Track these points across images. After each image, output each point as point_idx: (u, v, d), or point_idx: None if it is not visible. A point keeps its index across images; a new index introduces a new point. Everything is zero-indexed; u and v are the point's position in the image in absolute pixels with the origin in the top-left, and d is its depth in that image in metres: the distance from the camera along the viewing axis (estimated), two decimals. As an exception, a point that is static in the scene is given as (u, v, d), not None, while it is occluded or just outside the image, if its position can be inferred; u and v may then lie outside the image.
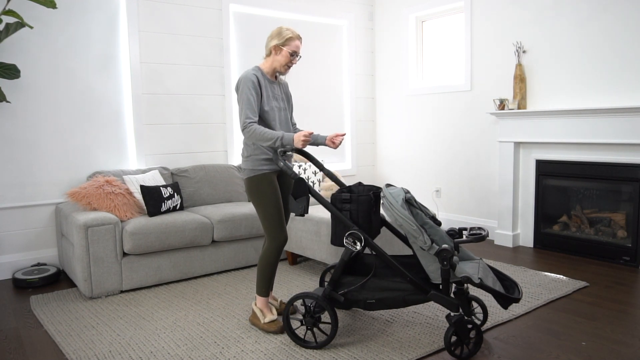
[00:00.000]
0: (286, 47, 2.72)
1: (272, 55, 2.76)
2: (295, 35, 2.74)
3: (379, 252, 2.43)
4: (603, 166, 3.89)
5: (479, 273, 2.37)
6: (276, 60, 2.75)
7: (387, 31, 5.65)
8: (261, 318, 2.74)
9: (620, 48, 3.76)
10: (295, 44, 2.74)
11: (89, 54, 4.02)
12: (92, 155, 4.08)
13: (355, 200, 2.49)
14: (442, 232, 2.55)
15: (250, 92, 2.62)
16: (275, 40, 2.72)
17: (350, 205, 2.50)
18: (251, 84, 2.64)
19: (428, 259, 2.39)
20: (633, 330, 2.64)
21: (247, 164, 2.71)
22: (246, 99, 2.62)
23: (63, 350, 2.53)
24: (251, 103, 2.62)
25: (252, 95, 2.63)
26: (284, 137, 2.54)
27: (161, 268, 3.51)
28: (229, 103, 4.75)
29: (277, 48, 2.72)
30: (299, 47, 2.76)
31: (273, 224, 2.69)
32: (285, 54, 2.72)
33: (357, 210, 2.50)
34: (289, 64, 2.77)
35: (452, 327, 2.33)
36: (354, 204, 2.50)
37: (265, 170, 2.68)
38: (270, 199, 2.68)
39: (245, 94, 2.62)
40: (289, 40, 2.72)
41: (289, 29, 2.75)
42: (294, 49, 2.74)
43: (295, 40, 2.74)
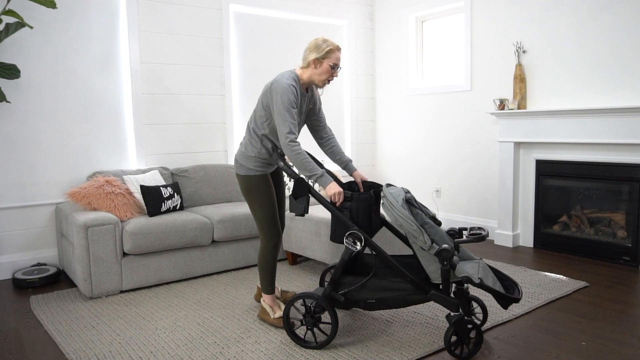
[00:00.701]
0: (326, 60, 2.60)
1: (311, 69, 2.63)
2: (335, 46, 2.62)
3: (379, 252, 2.43)
4: (603, 166, 3.89)
5: (479, 273, 2.37)
6: (315, 74, 2.63)
7: (387, 31, 5.65)
8: (270, 314, 2.78)
9: (620, 48, 3.77)
10: (336, 55, 2.62)
11: (89, 54, 4.02)
12: (92, 155, 4.08)
13: (356, 199, 2.49)
14: (442, 232, 2.55)
15: (290, 105, 2.52)
16: (315, 53, 2.60)
17: (350, 203, 2.49)
18: (291, 96, 2.53)
19: (428, 259, 2.39)
20: (633, 330, 2.64)
21: (249, 162, 2.67)
22: (287, 112, 2.50)
23: (63, 350, 2.53)
24: (292, 116, 2.51)
25: (293, 108, 2.53)
26: (322, 178, 2.49)
27: (161, 268, 3.51)
28: (229, 103, 4.75)
29: (317, 61, 2.60)
30: (339, 59, 2.64)
31: (268, 223, 2.71)
32: (326, 68, 2.61)
33: (357, 208, 2.49)
34: (330, 78, 2.65)
35: (452, 327, 2.33)
36: (355, 202, 2.49)
37: (265, 172, 2.71)
38: (266, 198, 2.69)
39: (286, 106, 2.51)
40: (329, 52, 2.60)
41: (327, 41, 2.62)
42: (335, 62, 2.62)
43: (336, 52, 2.62)
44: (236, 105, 4.84)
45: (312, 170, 2.49)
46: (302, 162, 2.49)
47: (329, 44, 2.60)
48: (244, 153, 2.71)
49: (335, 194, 2.47)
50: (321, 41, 2.62)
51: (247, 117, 4.90)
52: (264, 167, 2.69)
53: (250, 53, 4.89)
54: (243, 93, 4.88)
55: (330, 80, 2.67)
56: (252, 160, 2.67)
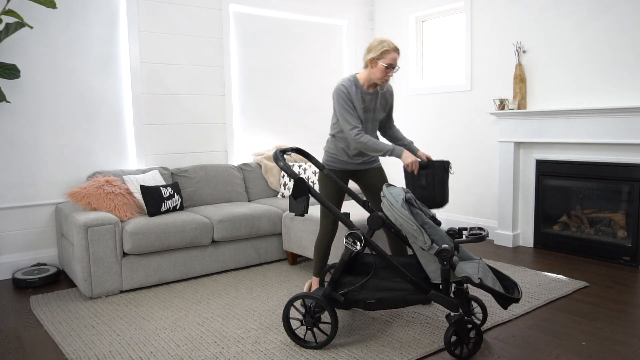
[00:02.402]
0: (381, 60, 2.71)
1: (369, 68, 2.77)
2: (392, 47, 2.73)
3: (379, 252, 2.43)
4: (603, 166, 3.89)
5: (479, 273, 2.37)
6: (372, 73, 2.76)
7: (387, 31, 5.65)
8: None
9: (620, 48, 3.77)
10: (392, 56, 2.72)
11: (89, 54, 4.02)
12: (92, 155, 4.08)
13: (432, 166, 2.69)
14: (442, 232, 2.56)
15: (345, 103, 2.73)
16: (372, 53, 2.73)
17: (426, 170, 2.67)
18: (344, 96, 2.73)
19: (428, 259, 2.39)
20: (633, 330, 2.64)
21: (324, 156, 2.98)
22: (344, 110, 2.73)
23: (63, 350, 2.53)
24: (350, 113, 2.73)
25: (348, 105, 2.74)
26: (395, 150, 2.70)
27: (161, 268, 3.51)
28: (229, 103, 4.75)
29: (373, 61, 2.73)
30: (395, 60, 2.74)
31: (322, 213, 2.96)
32: (381, 68, 2.72)
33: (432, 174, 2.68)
34: (385, 77, 2.76)
35: (452, 327, 2.33)
36: (430, 169, 2.68)
37: (332, 167, 2.94)
38: (322, 191, 2.93)
39: (342, 105, 2.73)
40: (384, 53, 2.71)
41: (385, 41, 2.73)
42: (390, 62, 2.72)
43: (392, 53, 2.72)
44: (236, 105, 4.84)
45: (383, 148, 2.69)
46: (370, 146, 2.71)
47: (384, 45, 2.72)
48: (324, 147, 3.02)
49: (411, 162, 2.68)
50: (378, 42, 2.74)
51: (247, 117, 4.91)
52: (334, 163, 2.94)
53: (250, 53, 4.89)
54: (243, 93, 4.88)
55: (387, 80, 2.80)
56: (325, 154, 2.97)
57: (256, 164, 4.71)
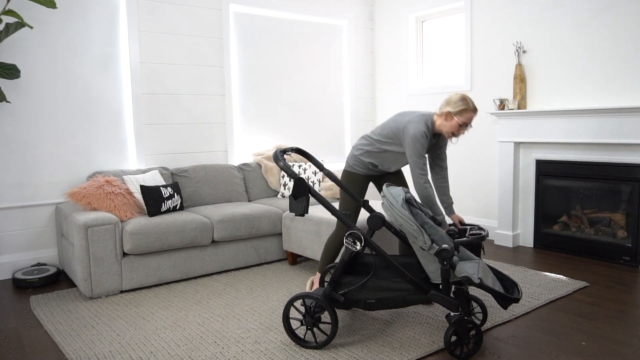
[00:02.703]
0: (457, 117, 2.72)
1: (442, 119, 2.77)
2: (471, 107, 2.73)
3: (379, 252, 2.43)
4: (603, 166, 3.89)
5: (479, 273, 2.37)
6: (444, 126, 2.77)
7: (387, 31, 5.65)
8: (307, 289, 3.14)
9: (620, 48, 3.76)
10: (468, 115, 2.73)
11: (89, 54, 4.02)
12: (92, 155, 4.08)
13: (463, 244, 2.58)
14: (441, 232, 2.56)
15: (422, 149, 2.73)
16: (450, 107, 2.73)
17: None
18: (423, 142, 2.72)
19: (428, 259, 2.39)
20: (633, 330, 2.64)
21: (350, 158, 3.01)
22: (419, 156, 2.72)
23: (63, 350, 2.53)
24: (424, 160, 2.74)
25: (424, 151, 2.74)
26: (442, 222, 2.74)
27: (161, 268, 3.51)
28: (229, 103, 4.75)
29: (449, 115, 2.73)
30: (471, 119, 2.75)
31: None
32: (455, 124, 2.73)
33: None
34: (457, 133, 2.77)
35: (452, 327, 2.33)
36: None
37: (358, 171, 2.99)
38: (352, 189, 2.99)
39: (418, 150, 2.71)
40: (463, 111, 2.71)
41: (466, 99, 2.73)
42: (465, 121, 2.73)
43: (469, 112, 2.73)
44: (236, 105, 4.84)
45: (437, 213, 2.73)
46: (430, 201, 2.74)
47: (465, 103, 2.73)
48: (352, 150, 3.03)
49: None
50: (459, 98, 2.74)
51: (247, 116, 4.91)
52: (360, 168, 2.98)
53: (250, 53, 4.89)
54: (243, 93, 4.88)
55: (457, 136, 2.80)
56: (353, 158, 2.99)
57: (256, 164, 4.71)
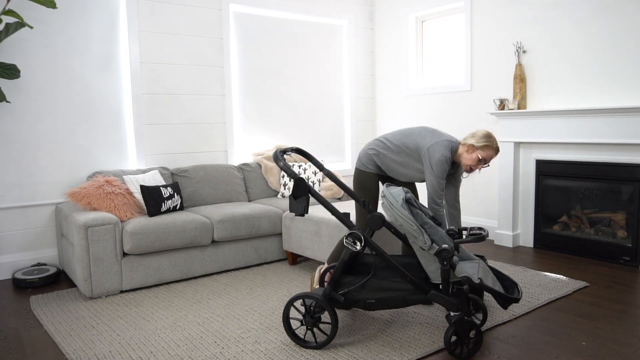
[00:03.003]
0: (478, 151, 2.77)
1: (465, 150, 2.80)
2: (495, 146, 2.79)
3: (379, 252, 2.43)
4: (603, 166, 3.89)
5: (479, 273, 2.37)
6: (464, 157, 2.81)
7: (387, 31, 5.65)
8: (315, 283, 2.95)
9: (620, 48, 3.76)
10: (489, 153, 2.78)
11: (89, 54, 4.02)
12: (92, 155, 4.08)
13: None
14: (442, 232, 2.56)
15: (444, 175, 2.76)
16: (474, 140, 2.78)
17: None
18: (445, 168, 2.75)
19: (428, 259, 2.39)
20: (633, 330, 2.64)
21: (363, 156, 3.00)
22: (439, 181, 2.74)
23: (63, 350, 2.53)
24: (443, 183, 2.76)
25: (445, 174, 2.77)
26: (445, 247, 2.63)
27: (161, 268, 3.51)
28: (229, 103, 4.75)
29: (471, 148, 2.77)
30: (491, 157, 2.80)
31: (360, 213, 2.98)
32: (475, 157, 2.77)
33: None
34: (474, 166, 2.80)
35: (452, 327, 2.33)
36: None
37: (370, 169, 2.98)
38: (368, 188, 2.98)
39: (439, 175, 2.74)
40: (485, 147, 2.76)
41: (492, 138, 2.78)
42: (485, 157, 2.77)
43: (491, 151, 2.78)
44: (236, 105, 4.84)
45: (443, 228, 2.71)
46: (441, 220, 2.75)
47: (489, 140, 2.78)
48: (364, 149, 3.03)
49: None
50: (485, 134, 2.79)
51: (247, 116, 4.91)
52: (372, 167, 2.97)
53: (250, 53, 4.89)
54: (243, 93, 4.88)
55: (473, 170, 2.83)
56: (366, 156, 2.98)
57: (256, 164, 4.71)
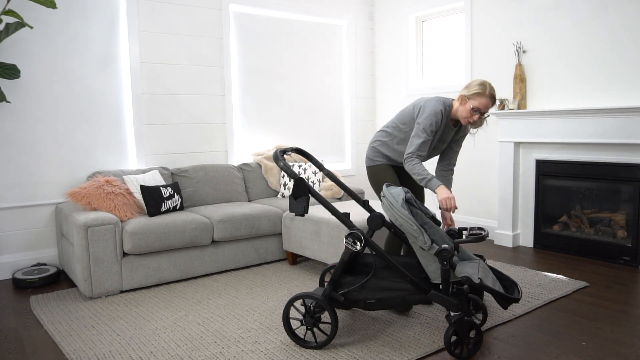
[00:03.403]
0: (470, 101, 2.62)
1: (458, 103, 2.69)
2: (487, 93, 2.60)
3: (379, 252, 2.43)
4: (603, 166, 3.89)
5: (479, 273, 2.37)
6: (459, 111, 2.69)
7: (387, 31, 5.65)
8: None
9: (621, 48, 3.76)
10: (482, 101, 2.60)
11: (89, 54, 4.02)
12: (92, 155, 4.08)
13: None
14: (441, 232, 2.56)
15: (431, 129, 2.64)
16: (465, 90, 2.65)
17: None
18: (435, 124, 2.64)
19: (428, 259, 2.39)
20: (633, 330, 2.64)
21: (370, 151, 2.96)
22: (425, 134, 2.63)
23: (63, 350, 2.53)
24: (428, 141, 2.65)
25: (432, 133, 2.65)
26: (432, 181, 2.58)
27: (161, 268, 3.51)
28: (229, 103, 4.75)
29: (464, 99, 2.64)
30: (484, 106, 2.61)
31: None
32: (467, 108, 2.63)
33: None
34: (470, 119, 2.65)
35: (452, 327, 2.33)
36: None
37: (378, 162, 2.94)
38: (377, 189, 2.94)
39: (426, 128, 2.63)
40: (476, 95, 2.61)
41: (483, 84, 2.62)
42: (478, 106, 2.61)
43: (483, 98, 2.60)
44: (236, 105, 4.84)
45: (422, 175, 2.61)
46: (416, 170, 2.63)
47: (482, 88, 2.61)
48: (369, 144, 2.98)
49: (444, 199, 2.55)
50: (479, 83, 2.64)
51: (247, 116, 4.91)
52: (379, 158, 2.93)
53: (250, 53, 4.89)
54: (243, 93, 4.88)
55: (471, 123, 2.67)
56: (372, 150, 2.94)
57: (256, 164, 4.71)
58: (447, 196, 2.57)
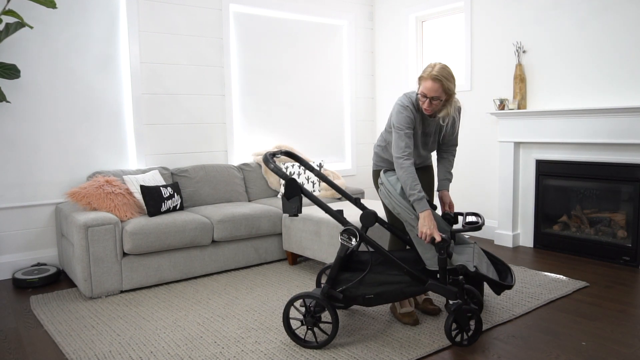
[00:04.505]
0: (419, 87, 2.50)
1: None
2: (428, 74, 2.45)
3: (375, 247, 2.43)
4: (603, 166, 3.89)
5: (474, 260, 2.40)
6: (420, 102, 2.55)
7: (387, 31, 5.65)
8: (397, 308, 2.78)
9: (621, 48, 3.76)
10: (425, 84, 2.45)
11: (89, 54, 4.02)
12: (92, 155, 4.08)
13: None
14: (438, 217, 2.57)
15: (404, 126, 2.51)
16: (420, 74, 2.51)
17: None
18: (404, 118, 2.51)
19: (425, 246, 2.42)
20: (633, 330, 2.64)
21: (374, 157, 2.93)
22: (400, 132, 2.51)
23: (63, 350, 2.53)
24: (406, 137, 2.51)
25: (407, 130, 2.52)
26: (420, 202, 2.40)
27: (161, 268, 3.51)
28: (229, 103, 4.75)
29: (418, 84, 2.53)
30: (428, 90, 2.44)
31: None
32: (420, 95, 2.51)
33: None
34: (423, 106, 2.51)
35: (451, 315, 2.35)
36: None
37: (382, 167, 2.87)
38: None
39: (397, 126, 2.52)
40: (421, 79, 2.48)
41: (429, 66, 2.48)
42: (423, 90, 2.47)
43: (426, 81, 2.44)
44: (236, 105, 4.84)
45: (411, 190, 2.43)
46: (406, 176, 2.45)
47: (427, 70, 2.47)
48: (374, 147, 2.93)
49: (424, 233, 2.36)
50: (427, 66, 2.50)
51: (247, 116, 4.91)
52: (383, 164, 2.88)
53: (250, 53, 4.89)
54: (243, 93, 4.88)
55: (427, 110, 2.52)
56: (375, 156, 2.91)
57: (256, 164, 4.71)
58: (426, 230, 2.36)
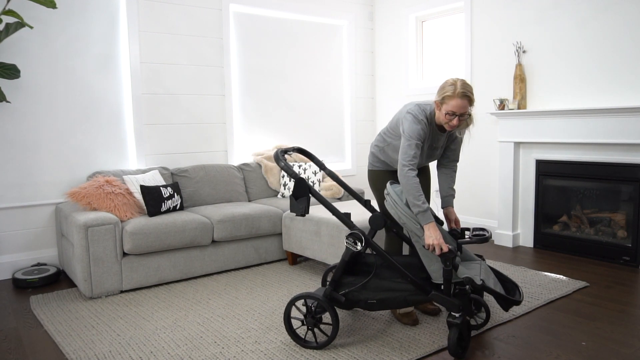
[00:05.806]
0: (444, 106, 2.43)
1: (436, 109, 2.51)
2: (456, 92, 2.38)
3: (380, 252, 2.43)
4: (603, 166, 3.89)
5: (481, 274, 2.37)
6: (438, 118, 2.52)
7: (387, 31, 5.65)
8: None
9: (621, 48, 3.77)
10: (454, 103, 2.39)
11: (89, 54, 4.02)
12: (92, 155, 4.08)
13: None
14: (444, 232, 2.55)
15: (416, 139, 2.47)
16: (437, 95, 2.47)
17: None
18: (421, 130, 2.48)
19: (430, 258, 2.39)
20: (633, 330, 2.64)
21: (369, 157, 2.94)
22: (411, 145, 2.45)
23: (63, 350, 2.53)
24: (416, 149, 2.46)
25: (419, 144, 2.48)
26: (425, 214, 2.36)
27: (161, 268, 3.51)
28: (229, 103, 4.75)
29: (438, 105, 2.48)
30: (458, 107, 2.39)
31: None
32: (443, 114, 2.45)
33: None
34: (450, 124, 2.46)
35: (457, 329, 2.31)
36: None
37: (378, 167, 2.90)
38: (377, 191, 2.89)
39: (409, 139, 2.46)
40: (446, 98, 2.41)
41: (454, 84, 2.41)
42: (452, 109, 2.40)
43: (454, 99, 2.39)
44: (236, 105, 4.83)
45: (416, 202, 2.38)
46: (411, 188, 2.40)
47: (450, 88, 2.41)
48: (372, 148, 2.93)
49: (432, 244, 2.32)
50: (447, 84, 2.45)
51: (247, 116, 4.91)
52: (379, 164, 2.90)
53: (250, 53, 4.89)
54: (243, 93, 4.88)
55: (453, 127, 2.48)
56: (371, 156, 2.91)
57: (256, 164, 4.71)
58: (433, 241, 2.32)
